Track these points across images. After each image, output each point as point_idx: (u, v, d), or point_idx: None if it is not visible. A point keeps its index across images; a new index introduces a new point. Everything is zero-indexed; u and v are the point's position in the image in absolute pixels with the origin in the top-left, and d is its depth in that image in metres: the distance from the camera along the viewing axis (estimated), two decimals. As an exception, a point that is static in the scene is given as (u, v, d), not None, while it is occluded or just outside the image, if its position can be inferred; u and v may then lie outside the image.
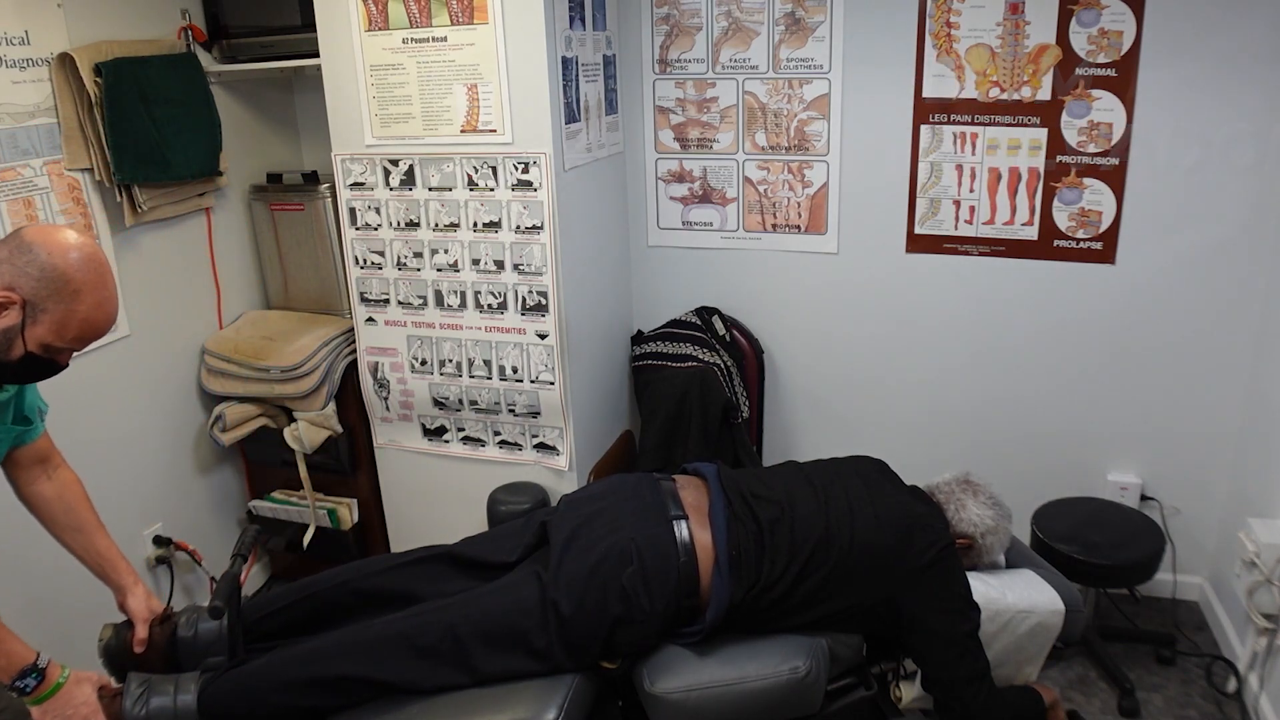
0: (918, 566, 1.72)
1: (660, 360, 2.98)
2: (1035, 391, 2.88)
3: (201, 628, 1.75)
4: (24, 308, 1.42)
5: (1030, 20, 2.58)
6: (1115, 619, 2.80)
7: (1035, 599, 1.85)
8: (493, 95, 2.43)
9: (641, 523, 1.75)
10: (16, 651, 1.54)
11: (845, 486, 1.83)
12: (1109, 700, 2.52)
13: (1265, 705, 2.35)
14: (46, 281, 1.42)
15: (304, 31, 2.65)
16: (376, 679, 1.64)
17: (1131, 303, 2.71)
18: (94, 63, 2.39)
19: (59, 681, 1.57)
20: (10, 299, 1.41)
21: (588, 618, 1.66)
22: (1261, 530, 2.30)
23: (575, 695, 1.65)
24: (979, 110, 2.69)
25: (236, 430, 2.82)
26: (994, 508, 1.88)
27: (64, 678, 1.57)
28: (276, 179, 2.99)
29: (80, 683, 1.59)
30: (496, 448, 2.78)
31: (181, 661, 1.74)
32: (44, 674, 1.55)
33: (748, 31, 2.83)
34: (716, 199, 3.02)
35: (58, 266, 1.43)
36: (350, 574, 1.88)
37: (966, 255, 2.83)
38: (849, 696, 1.82)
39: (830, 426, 3.14)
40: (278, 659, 1.68)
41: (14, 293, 1.41)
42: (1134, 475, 2.86)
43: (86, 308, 1.46)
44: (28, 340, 1.45)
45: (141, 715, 1.60)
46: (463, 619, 1.67)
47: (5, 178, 2.26)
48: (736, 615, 1.72)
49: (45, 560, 2.41)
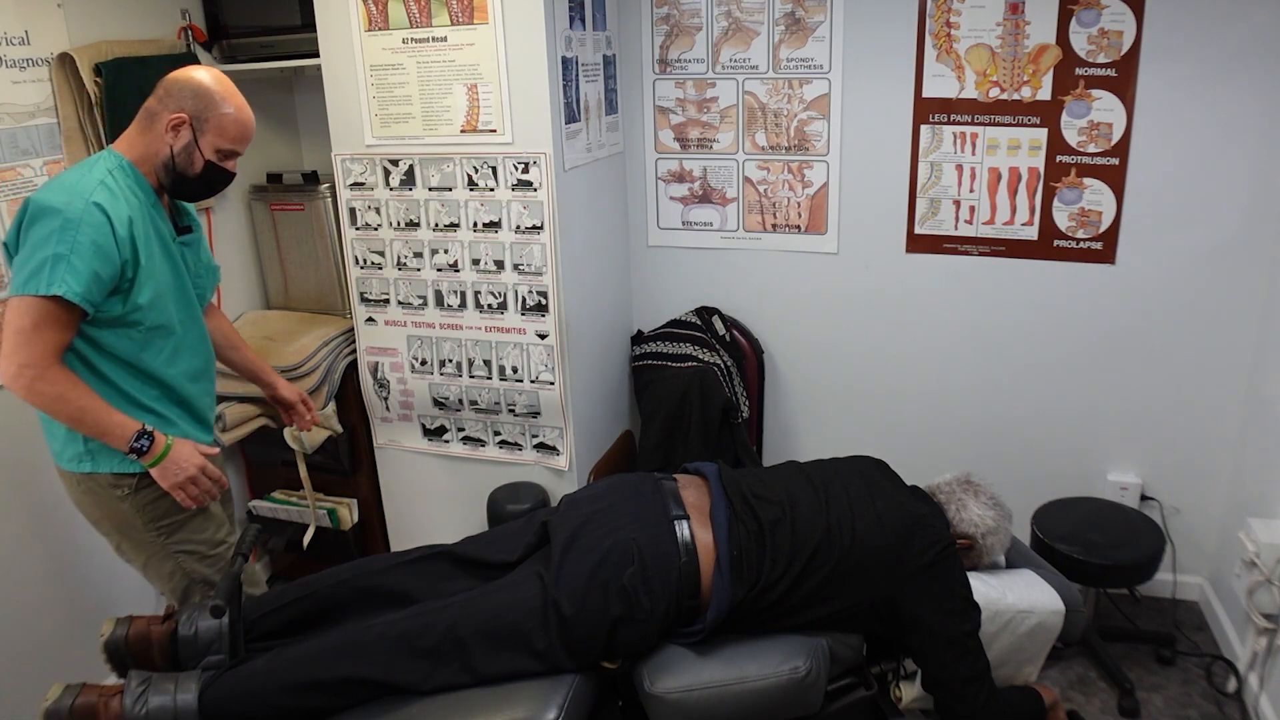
0: (918, 566, 1.72)
1: (660, 360, 2.98)
2: (1035, 391, 2.88)
3: (202, 626, 1.75)
4: (192, 125, 1.80)
5: (1030, 20, 2.58)
6: (1115, 619, 2.80)
7: (1035, 599, 1.85)
8: (493, 95, 2.43)
9: (643, 523, 1.75)
10: (125, 422, 1.77)
11: (846, 486, 1.83)
12: (1109, 700, 2.52)
13: (1265, 705, 2.35)
14: (197, 98, 1.80)
15: (304, 31, 2.65)
16: (377, 679, 1.64)
17: (1131, 303, 2.71)
18: (94, 63, 2.39)
19: (168, 444, 1.82)
20: (180, 119, 1.80)
21: (589, 618, 1.66)
22: (1261, 530, 2.30)
23: (576, 695, 1.65)
24: (979, 110, 2.69)
25: (236, 430, 2.82)
26: (995, 508, 1.88)
27: (170, 441, 1.83)
28: (276, 179, 2.99)
29: (184, 443, 1.86)
30: (496, 448, 2.78)
31: (182, 660, 1.74)
32: (153, 437, 1.80)
33: (748, 31, 2.83)
34: (716, 199, 3.02)
35: (200, 83, 1.81)
36: (351, 573, 1.88)
37: (966, 255, 2.83)
38: (849, 696, 1.82)
39: (830, 426, 3.14)
40: (278, 659, 1.68)
41: (181, 113, 1.80)
42: (1134, 475, 2.86)
43: (233, 108, 1.84)
44: (203, 149, 1.83)
45: (141, 714, 1.60)
46: (464, 619, 1.67)
47: (5, 178, 2.26)
48: (737, 615, 1.72)
49: (45, 561, 2.42)
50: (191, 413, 1.95)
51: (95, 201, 1.71)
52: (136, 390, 1.85)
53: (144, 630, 1.76)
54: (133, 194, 1.80)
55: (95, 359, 1.80)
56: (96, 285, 1.70)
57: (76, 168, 1.81)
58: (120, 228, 1.73)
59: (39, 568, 2.40)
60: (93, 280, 1.69)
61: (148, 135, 1.83)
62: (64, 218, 1.68)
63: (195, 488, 1.86)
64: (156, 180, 1.86)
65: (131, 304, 1.78)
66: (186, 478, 1.84)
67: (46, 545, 2.43)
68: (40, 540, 2.41)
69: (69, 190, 1.72)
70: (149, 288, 1.80)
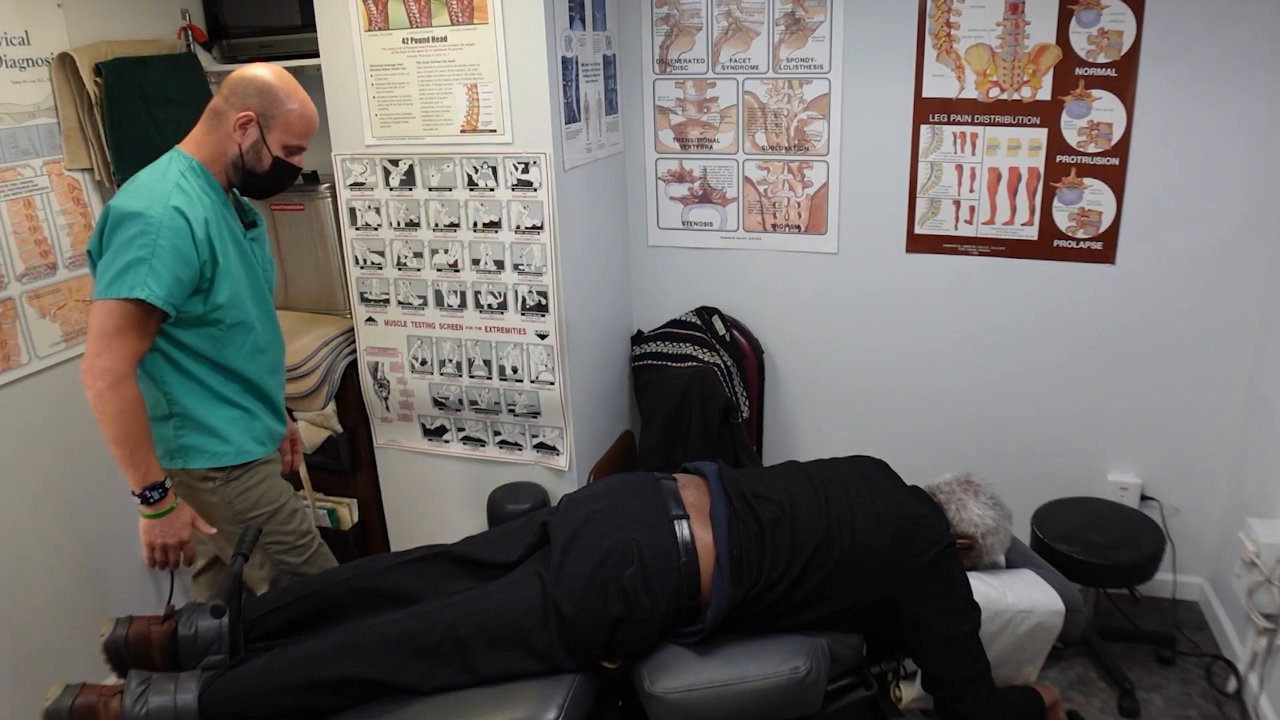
0: (918, 566, 1.72)
1: (660, 360, 2.98)
2: (1035, 391, 2.88)
3: (202, 626, 1.75)
4: (259, 122, 1.83)
5: (1030, 20, 2.58)
6: (1115, 619, 2.80)
7: (1035, 599, 1.85)
8: (493, 95, 2.43)
9: (642, 522, 1.74)
10: (154, 466, 1.78)
11: (846, 486, 1.83)
12: (1109, 700, 2.52)
13: (1265, 705, 2.35)
14: (263, 95, 1.83)
15: (304, 31, 2.65)
16: (377, 679, 1.64)
17: (1131, 303, 2.71)
18: (94, 63, 2.39)
19: (174, 505, 1.82)
20: (248, 117, 1.82)
21: (589, 618, 1.66)
22: (1261, 530, 2.30)
23: (575, 695, 1.64)
24: (979, 110, 2.69)
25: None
26: (995, 508, 1.88)
27: (176, 504, 1.83)
28: (276, 179, 2.98)
29: (184, 509, 1.86)
30: (496, 448, 2.78)
31: (182, 660, 1.74)
32: (166, 492, 1.80)
33: (748, 31, 2.83)
34: (716, 199, 3.02)
35: (265, 80, 1.83)
36: (351, 573, 1.88)
37: (966, 255, 2.83)
38: (849, 696, 1.82)
39: (830, 426, 3.14)
40: (278, 659, 1.68)
41: (247, 111, 1.82)
42: (1134, 475, 2.86)
43: (298, 104, 1.87)
44: (271, 145, 1.86)
45: (141, 714, 1.60)
46: (464, 619, 1.67)
47: (5, 178, 2.26)
48: (737, 615, 1.72)
49: (45, 561, 2.42)
50: (270, 405, 2.00)
51: (174, 205, 1.74)
52: (220, 385, 1.90)
53: (144, 630, 1.76)
54: (205, 194, 1.83)
55: (179, 357, 1.85)
56: (178, 288, 1.74)
57: (150, 170, 1.84)
58: (198, 230, 1.77)
59: (39, 568, 2.40)
60: (174, 283, 1.73)
61: (215, 134, 1.85)
62: (145, 222, 1.71)
63: (165, 554, 1.84)
64: (225, 178, 1.89)
65: (211, 303, 1.82)
66: (168, 542, 1.83)
67: (46, 546, 2.43)
68: (40, 541, 2.41)
69: (147, 195, 1.75)
70: (226, 286, 1.84)
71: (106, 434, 1.74)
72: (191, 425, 1.90)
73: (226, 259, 1.84)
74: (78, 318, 2.46)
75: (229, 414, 1.92)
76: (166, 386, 1.87)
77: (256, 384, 1.95)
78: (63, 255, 2.42)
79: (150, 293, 1.69)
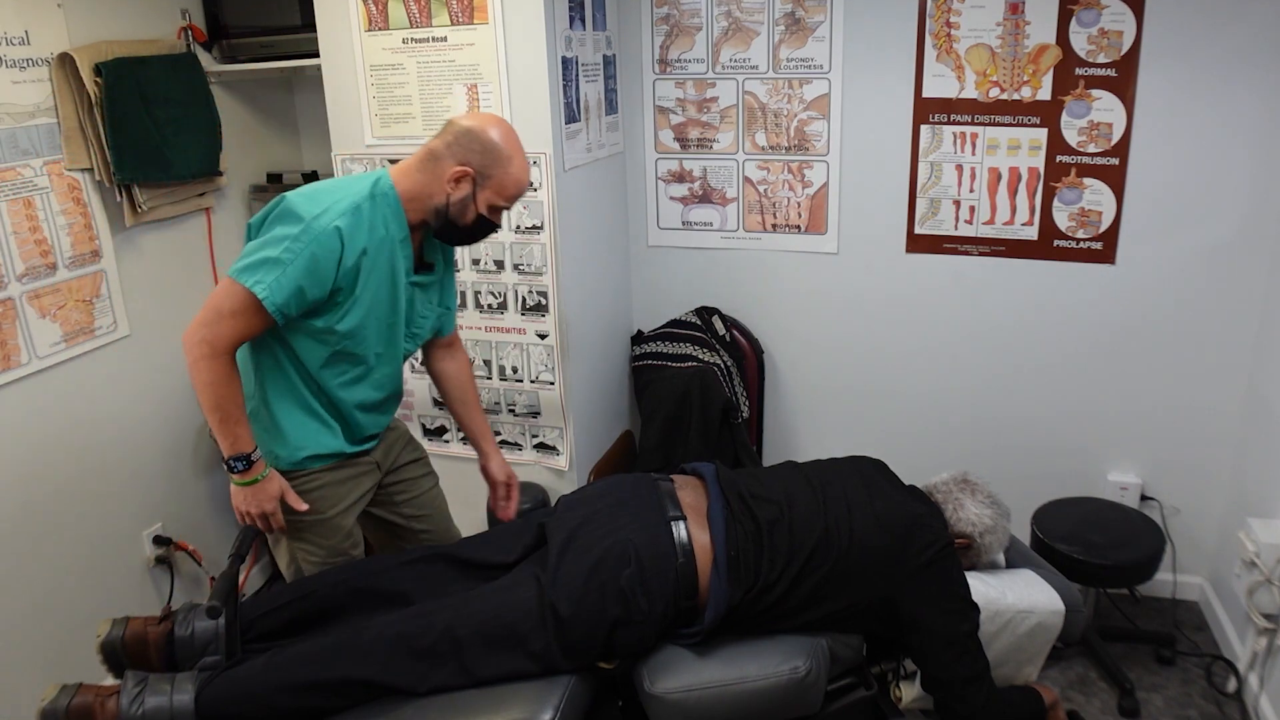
0: (916, 566, 1.72)
1: (660, 360, 2.98)
2: (1035, 391, 2.88)
3: (198, 627, 1.75)
4: (474, 179, 1.79)
5: (1030, 20, 2.58)
6: (1115, 619, 2.80)
7: (1035, 599, 1.85)
8: (493, 95, 2.43)
9: (640, 524, 1.74)
10: (244, 437, 1.77)
11: (844, 486, 1.83)
12: (1109, 700, 2.51)
13: (1265, 705, 2.35)
14: (486, 153, 1.78)
15: (304, 31, 2.65)
16: (374, 680, 1.64)
17: (1131, 303, 2.71)
18: (94, 63, 2.39)
19: (264, 474, 1.81)
20: (465, 172, 1.78)
21: (586, 619, 1.65)
22: (1261, 530, 2.30)
23: (572, 696, 1.64)
24: (979, 110, 2.69)
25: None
26: (992, 507, 1.88)
27: (265, 473, 1.81)
28: (276, 179, 2.99)
29: (274, 480, 1.83)
30: (496, 448, 2.78)
31: (179, 661, 1.74)
32: (252, 463, 1.78)
33: (748, 31, 2.83)
34: (716, 199, 3.02)
35: (494, 141, 1.79)
36: (349, 574, 1.88)
37: (966, 255, 2.83)
38: (849, 696, 1.82)
39: (830, 426, 3.14)
40: (275, 660, 1.68)
41: (466, 166, 1.78)
42: (1134, 475, 2.85)
43: (516, 168, 1.82)
44: (478, 203, 1.82)
45: (137, 714, 1.60)
46: (461, 620, 1.67)
47: (5, 178, 2.26)
48: (736, 616, 1.72)
49: (43, 562, 2.42)
50: (351, 432, 1.94)
51: (337, 225, 1.71)
52: (307, 393, 1.87)
53: (140, 631, 1.77)
54: (383, 225, 1.79)
55: (280, 353, 1.84)
56: (296, 300, 1.71)
57: (345, 180, 1.83)
58: (349, 258, 1.73)
59: (37, 568, 2.40)
60: (294, 295, 1.70)
61: (426, 175, 1.81)
62: (303, 228, 1.69)
63: (252, 518, 1.84)
64: (419, 218, 1.84)
65: (328, 325, 1.79)
66: (252, 511, 1.82)
67: (44, 546, 2.43)
68: (38, 541, 2.41)
69: (321, 203, 1.73)
70: (354, 317, 1.80)
71: (199, 400, 1.74)
72: (262, 421, 1.88)
73: (366, 293, 1.79)
74: (77, 318, 2.46)
75: (303, 420, 1.88)
76: (260, 374, 1.87)
77: (343, 411, 1.91)
78: (63, 255, 2.42)
79: (268, 295, 1.67)
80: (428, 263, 1.95)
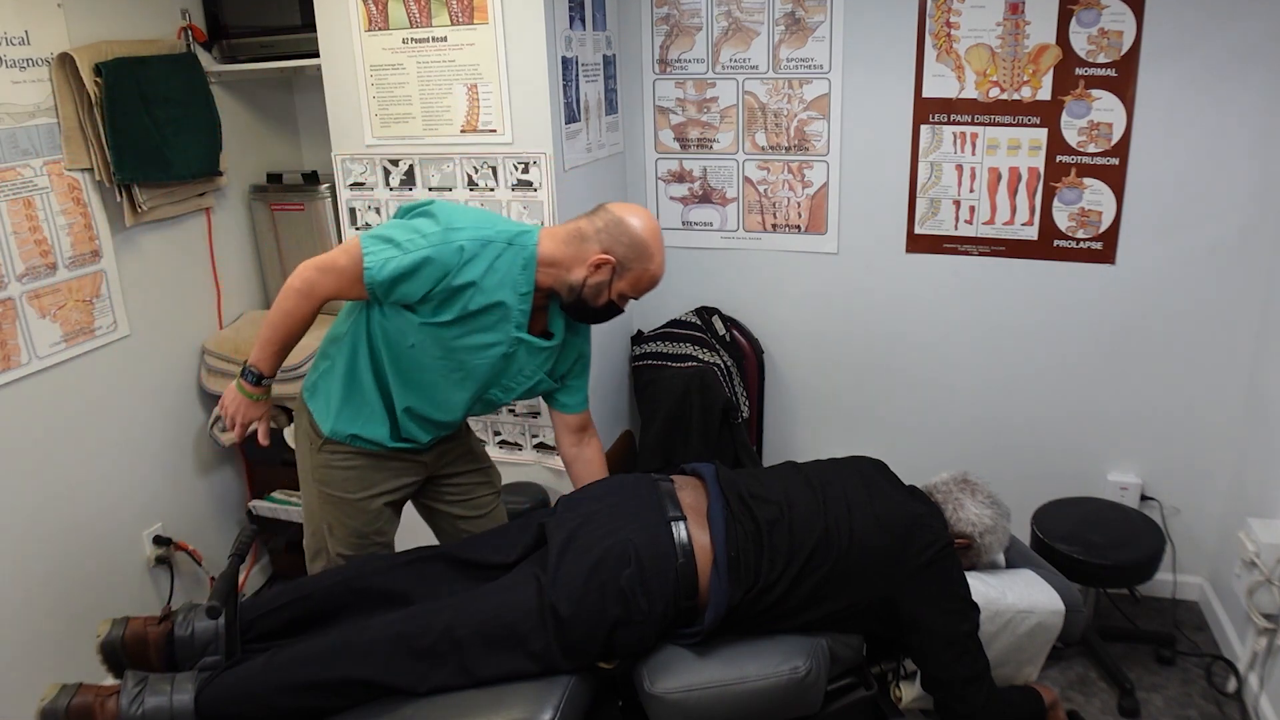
0: (916, 566, 1.72)
1: (660, 360, 2.98)
2: (1035, 391, 2.88)
3: (198, 627, 1.75)
4: (614, 268, 1.83)
5: (1030, 20, 2.57)
6: (1115, 619, 2.80)
7: (1035, 599, 1.85)
8: (493, 95, 2.43)
9: (640, 524, 1.74)
10: (268, 362, 1.89)
11: (844, 487, 1.83)
12: (1109, 700, 2.51)
13: (1265, 705, 2.34)
14: (632, 248, 1.83)
15: (304, 31, 2.65)
16: (374, 680, 1.64)
17: (1131, 303, 2.71)
18: (94, 63, 2.39)
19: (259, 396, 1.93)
20: (607, 260, 1.83)
21: (586, 619, 1.65)
22: (1261, 530, 2.30)
23: (572, 696, 1.64)
24: (979, 110, 2.69)
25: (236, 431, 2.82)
26: (992, 507, 1.88)
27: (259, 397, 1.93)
28: (276, 179, 2.99)
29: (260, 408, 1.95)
30: (496, 448, 2.78)
31: (178, 661, 1.74)
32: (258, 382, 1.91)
33: (748, 31, 2.83)
34: (716, 199, 3.02)
35: (642, 237, 1.84)
36: (348, 574, 1.88)
37: (966, 255, 2.83)
38: (849, 696, 1.82)
39: (830, 426, 3.14)
40: (275, 660, 1.68)
41: (610, 255, 1.82)
42: (1134, 475, 2.85)
43: (655, 267, 1.87)
44: (613, 291, 1.87)
45: (137, 714, 1.60)
46: (461, 620, 1.67)
47: (5, 178, 2.26)
48: (736, 616, 1.72)
49: (43, 561, 2.42)
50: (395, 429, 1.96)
51: (463, 245, 1.75)
52: (367, 375, 1.92)
53: (140, 631, 1.76)
54: (505, 271, 1.81)
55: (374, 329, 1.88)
56: (390, 287, 1.76)
57: (497, 217, 1.90)
58: (456, 279, 1.76)
59: (37, 568, 2.40)
60: (392, 281, 1.75)
61: (570, 250, 1.84)
62: (436, 229, 1.76)
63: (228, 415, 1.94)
64: (549, 284, 1.86)
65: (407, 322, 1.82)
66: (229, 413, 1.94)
67: (44, 545, 2.43)
68: (38, 540, 2.41)
69: (465, 221, 1.79)
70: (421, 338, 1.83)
71: (270, 313, 1.85)
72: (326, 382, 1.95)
73: (447, 323, 1.80)
74: (77, 318, 2.46)
75: (353, 397, 1.93)
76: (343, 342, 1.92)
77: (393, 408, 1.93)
78: (63, 255, 2.42)
79: (374, 270, 1.74)
80: (548, 331, 1.96)
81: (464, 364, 1.87)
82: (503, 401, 2.01)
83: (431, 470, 2.10)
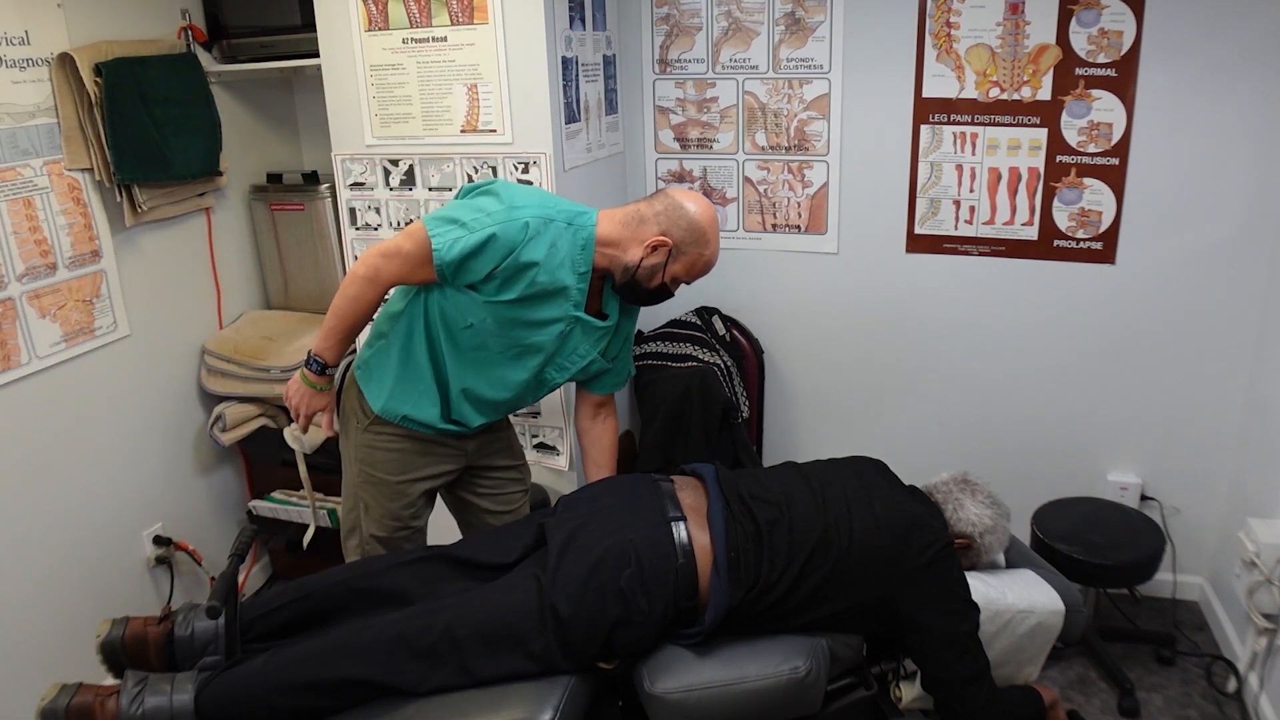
0: (916, 567, 1.72)
1: (660, 360, 2.98)
2: (1035, 391, 2.88)
3: (198, 627, 1.75)
4: (670, 251, 1.86)
5: (1030, 20, 2.57)
6: (1115, 619, 2.80)
7: (1035, 599, 1.85)
8: (493, 95, 2.43)
9: (640, 524, 1.74)
10: (332, 350, 1.92)
11: (844, 487, 1.83)
12: (1109, 700, 2.51)
13: (1265, 705, 2.34)
14: (689, 232, 1.87)
15: (304, 31, 2.65)
16: (374, 680, 1.64)
17: (1131, 303, 2.71)
18: (94, 63, 2.39)
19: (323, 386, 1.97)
20: (664, 242, 1.86)
21: (586, 620, 1.65)
22: (1261, 530, 2.30)
23: (571, 696, 1.64)
24: (979, 110, 2.69)
25: (236, 430, 2.82)
26: (992, 507, 1.88)
27: (323, 387, 1.98)
28: (276, 179, 2.99)
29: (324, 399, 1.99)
30: (496, 448, 2.78)
31: (178, 661, 1.74)
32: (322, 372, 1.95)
33: (748, 31, 2.83)
34: (716, 199, 3.02)
35: (700, 222, 1.87)
36: (348, 574, 1.88)
37: (966, 255, 2.83)
38: (849, 696, 1.82)
39: (830, 426, 3.14)
40: (275, 660, 1.68)
41: (667, 238, 1.86)
42: (1134, 475, 2.85)
43: (710, 252, 1.91)
44: (667, 273, 1.90)
45: (137, 714, 1.60)
46: (460, 620, 1.67)
47: (5, 178, 2.27)
48: (736, 617, 1.72)
49: (43, 561, 2.42)
50: (445, 407, 1.99)
51: (528, 221, 1.78)
52: (418, 348, 1.94)
53: (140, 631, 1.76)
54: (567, 257, 1.83)
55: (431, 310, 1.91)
56: (459, 267, 1.78)
57: (556, 198, 1.92)
58: (522, 256, 1.78)
59: (37, 568, 2.40)
60: (460, 261, 1.77)
61: (628, 231, 1.87)
62: (500, 207, 1.79)
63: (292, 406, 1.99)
64: (605, 265, 1.89)
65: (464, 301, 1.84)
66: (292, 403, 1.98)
67: (44, 545, 2.43)
68: (38, 540, 2.41)
69: (527, 199, 1.82)
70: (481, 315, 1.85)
71: (335, 300, 1.87)
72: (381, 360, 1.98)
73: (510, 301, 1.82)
74: (77, 318, 2.46)
75: (406, 376, 1.95)
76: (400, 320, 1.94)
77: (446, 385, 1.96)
78: (63, 255, 2.42)
79: (442, 252, 1.76)
80: (602, 312, 1.99)
81: (522, 340, 1.90)
82: (557, 382, 2.03)
83: (471, 460, 2.12)
